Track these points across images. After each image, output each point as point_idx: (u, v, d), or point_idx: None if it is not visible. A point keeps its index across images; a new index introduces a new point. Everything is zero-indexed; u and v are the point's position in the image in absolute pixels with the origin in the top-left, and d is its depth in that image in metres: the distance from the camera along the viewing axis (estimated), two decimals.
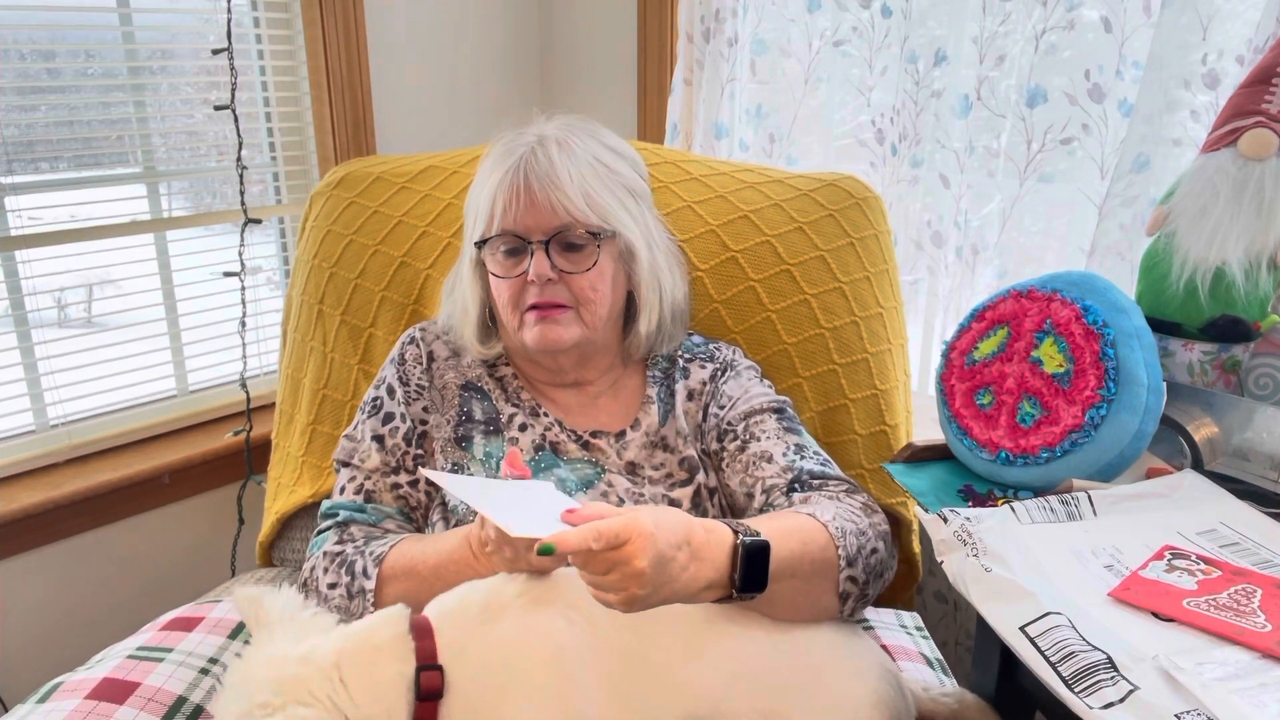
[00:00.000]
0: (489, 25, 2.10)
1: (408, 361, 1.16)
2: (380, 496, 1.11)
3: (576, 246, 1.06)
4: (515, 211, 1.05)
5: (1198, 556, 0.82)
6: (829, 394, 1.33)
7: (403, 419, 1.13)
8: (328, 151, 1.87)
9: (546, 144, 1.06)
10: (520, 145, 1.07)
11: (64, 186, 1.62)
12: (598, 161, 1.08)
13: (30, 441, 1.65)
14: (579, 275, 1.06)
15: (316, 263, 1.43)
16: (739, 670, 0.87)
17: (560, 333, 1.07)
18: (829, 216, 1.37)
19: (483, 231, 1.07)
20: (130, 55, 1.66)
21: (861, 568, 0.95)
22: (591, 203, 1.05)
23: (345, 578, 1.02)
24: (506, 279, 1.07)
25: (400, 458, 1.12)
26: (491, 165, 1.09)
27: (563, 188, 1.04)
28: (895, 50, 1.68)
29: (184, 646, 1.11)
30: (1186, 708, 0.62)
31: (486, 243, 1.08)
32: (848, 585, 0.94)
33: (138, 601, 1.76)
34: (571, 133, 1.09)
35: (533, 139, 1.07)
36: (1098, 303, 0.95)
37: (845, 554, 0.94)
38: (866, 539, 0.97)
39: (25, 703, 1.01)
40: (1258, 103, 0.97)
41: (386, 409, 1.14)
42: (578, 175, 1.05)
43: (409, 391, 1.14)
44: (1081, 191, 1.53)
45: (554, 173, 1.04)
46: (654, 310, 1.14)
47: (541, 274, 1.04)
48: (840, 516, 0.96)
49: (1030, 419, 0.97)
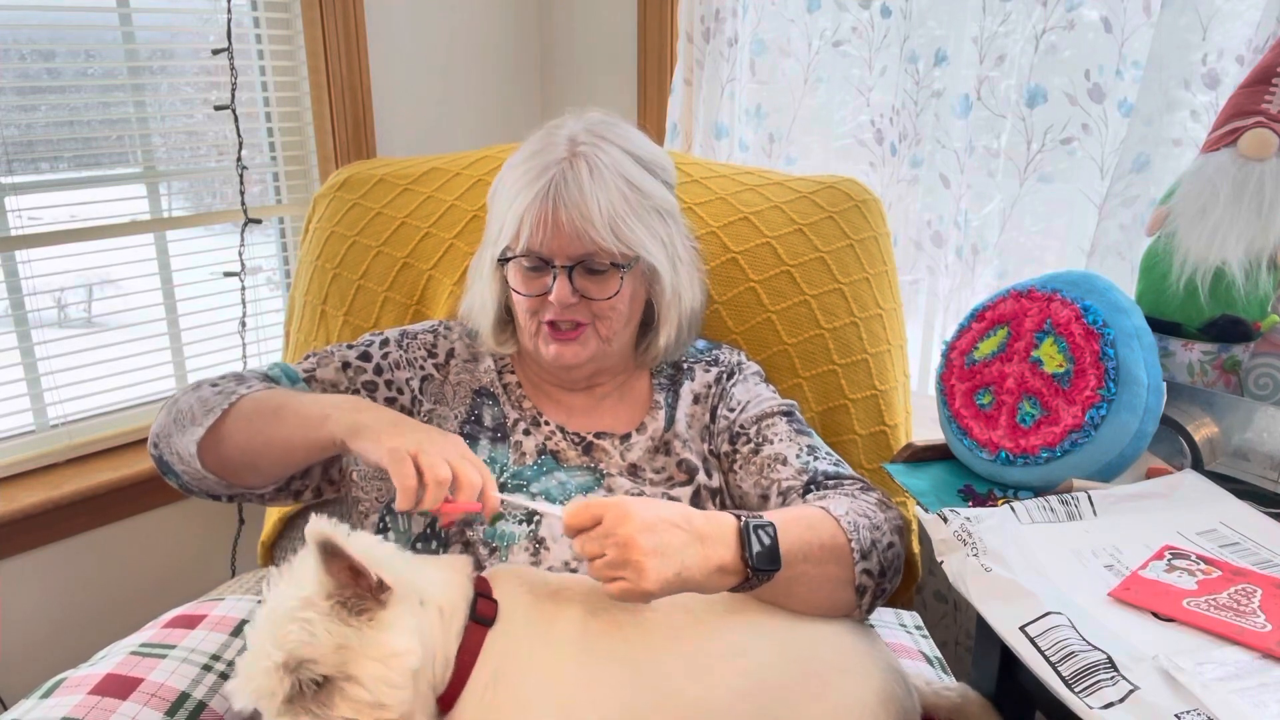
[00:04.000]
0: (489, 25, 2.10)
1: (419, 339, 1.17)
2: (320, 386, 1.11)
3: (598, 271, 1.06)
4: (541, 236, 1.04)
5: (1198, 556, 0.82)
6: (829, 394, 1.33)
7: (376, 371, 1.13)
8: (328, 151, 1.87)
9: (577, 163, 1.04)
10: (551, 161, 1.05)
11: (64, 186, 1.62)
12: (628, 185, 1.06)
13: (30, 441, 1.65)
14: (599, 301, 1.07)
15: (320, 264, 1.43)
16: (747, 687, 0.87)
17: (577, 351, 1.08)
18: (829, 218, 1.37)
19: (506, 247, 1.07)
20: (130, 55, 1.66)
21: (876, 560, 0.96)
22: (619, 233, 1.04)
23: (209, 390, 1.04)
24: (526, 296, 1.08)
25: (354, 384, 1.12)
26: (521, 177, 1.07)
27: (590, 218, 1.03)
28: (895, 50, 1.68)
29: (187, 644, 1.11)
30: (1186, 708, 0.63)
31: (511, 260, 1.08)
32: (864, 579, 0.95)
33: (138, 601, 1.76)
34: (601, 145, 1.07)
35: (564, 150, 1.05)
36: (1098, 303, 0.95)
37: (859, 547, 0.94)
38: (881, 533, 0.97)
39: (29, 697, 1.01)
40: (1258, 103, 0.97)
41: (366, 349, 1.14)
42: (606, 204, 1.04)
43: (405, 356, 1.15)
44: (1081, 191, 1.54)
45: (583, 202, 1.03)
46: (673, 326, 1.15)
47: (563, 299, 1.04)
48: (854, 511, 0.97)
49: (1030, 419, 0.97)
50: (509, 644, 0.87)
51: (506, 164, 1.12)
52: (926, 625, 1.46)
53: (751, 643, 0.89)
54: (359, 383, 1.12)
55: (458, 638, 0.86)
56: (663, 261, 1.10)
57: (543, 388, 1.17)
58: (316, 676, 0.78)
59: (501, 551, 1.01)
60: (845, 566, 0.94)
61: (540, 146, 1.08)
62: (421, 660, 0.81)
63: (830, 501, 1.00)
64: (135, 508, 1.72)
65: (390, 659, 0.79)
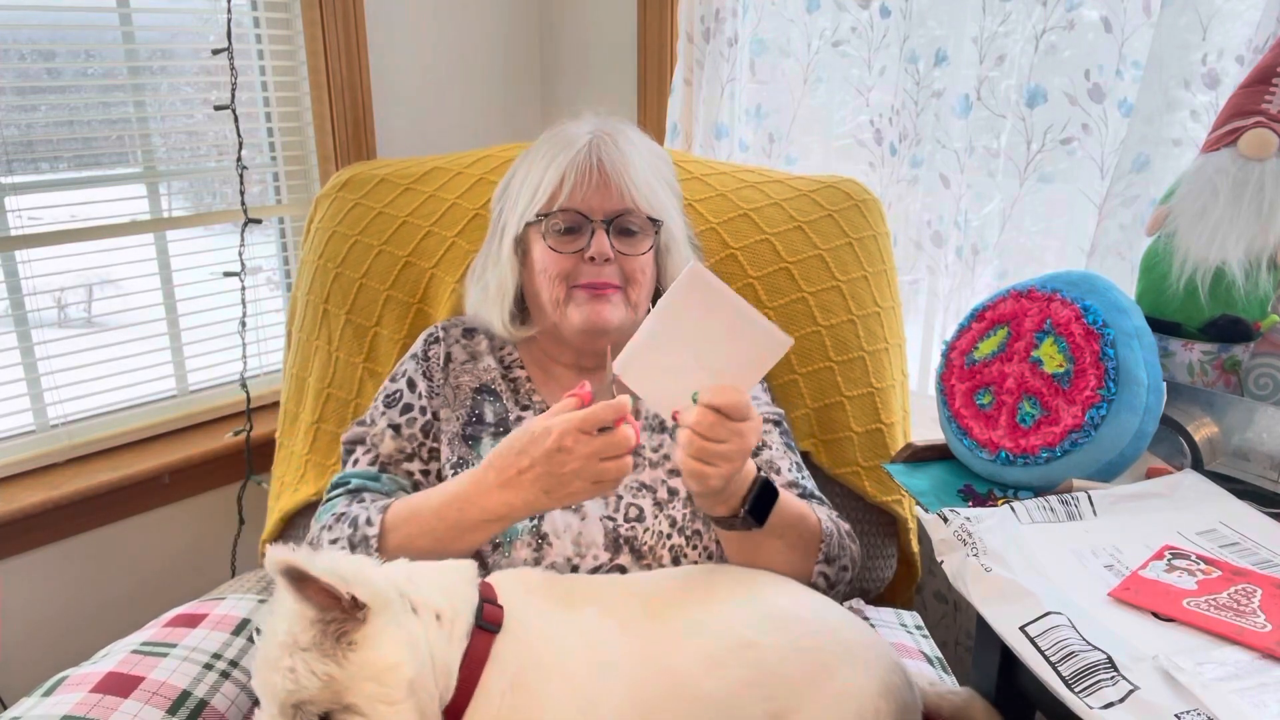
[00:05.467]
0: (489, 25, 2.10)
1: (430, 359, 1.17)
2: (395, 470, 1.12)
3: (633, 231, 1.10)
4: (584, 190, 1.08)
5: (1198, 556, 0.82)
6: (824, 390, 1.33)
7: (421, 412, 1.14)
8: (328, 151, 1.87)
9: (612, 133, 1.12)
10: (583, 133, 1.12)
11: (64, 186, 1.62)
12: (655, 156, 1.15)
13: (30, 441, 1.65)
14: (633, 258, 1.10)
15: (321, 263, 1.44)
16: (754, 678, 0.88)
17: (610, 312, 1.09)
18: (828, 217, 1.37)
19: (543, 206, 1.09)
20: (130, 55, 1.66)
21: (835, 569, 1.07)
22: (653, 192, 1.11)
23: (348, 530, 1.02)
24: (561, 254, 1.09)
25: (416, 447, 1.13)
26: (552, 149, 1.12)
27: (632, 175, 1.09)
28: (895, 50, 1.68)
29: (188, 642, 1.11)
30: (1186, 708, 0.63)
31: (546, 218, 1.09)
32: (819, 579, 1.05)
33: (138, 601, 1.76)
34: (621, 129, 1.14)
35: (593, 128, 1.13)
36: (1098, 303, 0.95)
37: (826, 552, 1.04)
38: (846, 551, 1.08)
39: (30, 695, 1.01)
40: (1258, 103, 0.97)
41: (405, 400, 1.15)
42: (643, 166, 1.11)
43: (431, 386, 1.16)
44: (1081, 191, 1.53)
45: (623, 159, 1.10)
46: None
47: (602, 252, 1.08)
48: (835, 525, 1.09)
49: (1030, 419, 0.97)
50: (522, 650, 0.85)
51: (523, 154, 1.17)
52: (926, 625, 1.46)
53: (759, 635, 0.90)
54: (413, 445, 1.13)
55: (461, 644, 0.83)
56: (679, 231, 1.17)
57: (554, 373, 1.18)
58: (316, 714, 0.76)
59: (505, 547, 1.02)
60: (811, 558, 1.04)
61: (562, 130, 1.14)
62: (417, 668, 0.78)
63: (818, 509, 1.09)
64: (135, 508, 1.72)
65: (383, 674, 0.76)
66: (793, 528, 1.01)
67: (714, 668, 0.87)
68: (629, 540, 1.03)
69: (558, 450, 0.89)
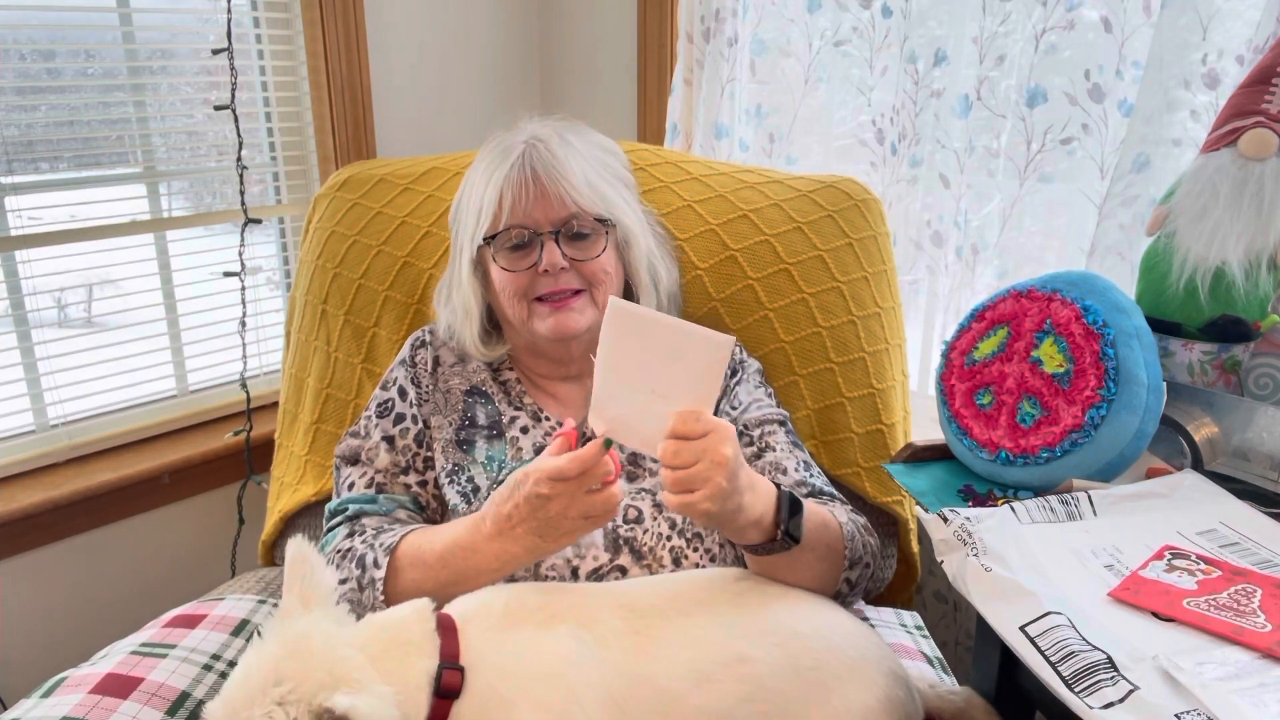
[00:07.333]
0: (489, 25, 2.10)
1: (418, 365, 1.17)
2: (392, 488, 1.12)
3: (583, 235, 1.08)
4: (525, 204, 1.06)
5: (1198, 556, 0.82)
6: (825, 392, 1.33)
7: (414, 420, 1.13)
8: (328, 151, 1.87)
9: (546, 139, 1.09)
10: (517, 143, 1.09)
11: (64, 186, 1.62)
12: (599, 149, 1.13)
13: (30, 441, 1.65)
14: (589, 261, 1.09)
15: (320, 263, 1.44)
16: (749, 693, 0.86)
17: (575, 319, 1.09)
18: (828, 217, 1.37)
19: (489, 228, 1.08)
20: (130, 55, 1.66)
21: (858, 573, 1.04)
22: (596, 191, 1.09)
23: (355, 571, 1.02)
24: (515, 272, 1.08)
25: (410, 459, 1.13)
26: (489, 165, 1.10)
27: (569, 178, 1.06)
28: (895, 50, 1.68)
29: (187, 643, 1.11)
30: (1186, 708, 0.63)
31: (494, 239, 1.08)
32: (843, 585, 1.03)
33: (138, 601, 1.76)
34: (561, 131, 1.12)
35: (527, 136, 1.10)
36: (1098, 303, 0.95)
37: (850, 555, 1.02)
38: (869, 551, 1.06)
39: (30, 697, 1.01)
40: (1258, 103, 0.97)
41: (398, 410, 1.14)
42: (580, 166, 1.08)
43: (420, 393, 1.15)
44: (1081, 191, 1.53)
45: (558, 164, 1.07)
46: (651, 295, 1.17)
47: (554, 263, 1.06)
48: (853, 523, 1.06)
49: (1030, 419, 0.97)
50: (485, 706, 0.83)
51: (469, 170, 1.15)
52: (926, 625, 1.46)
53: (753, 649, 0.89)
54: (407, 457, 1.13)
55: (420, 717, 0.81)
56: (635, 224, 1.13)
57: (542, 384, 1.18)
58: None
59: None
60: (838, 566, 1.01)
61: (499, 141, 1.12)
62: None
63: (835, 509, 1.07)
64: (135, 508, 1.72)
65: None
66: (820, 536, 0.98)
67: (702, 682, 0.86)
68: (629, 541, 1.03)
69: (537, 496, 0.89)
